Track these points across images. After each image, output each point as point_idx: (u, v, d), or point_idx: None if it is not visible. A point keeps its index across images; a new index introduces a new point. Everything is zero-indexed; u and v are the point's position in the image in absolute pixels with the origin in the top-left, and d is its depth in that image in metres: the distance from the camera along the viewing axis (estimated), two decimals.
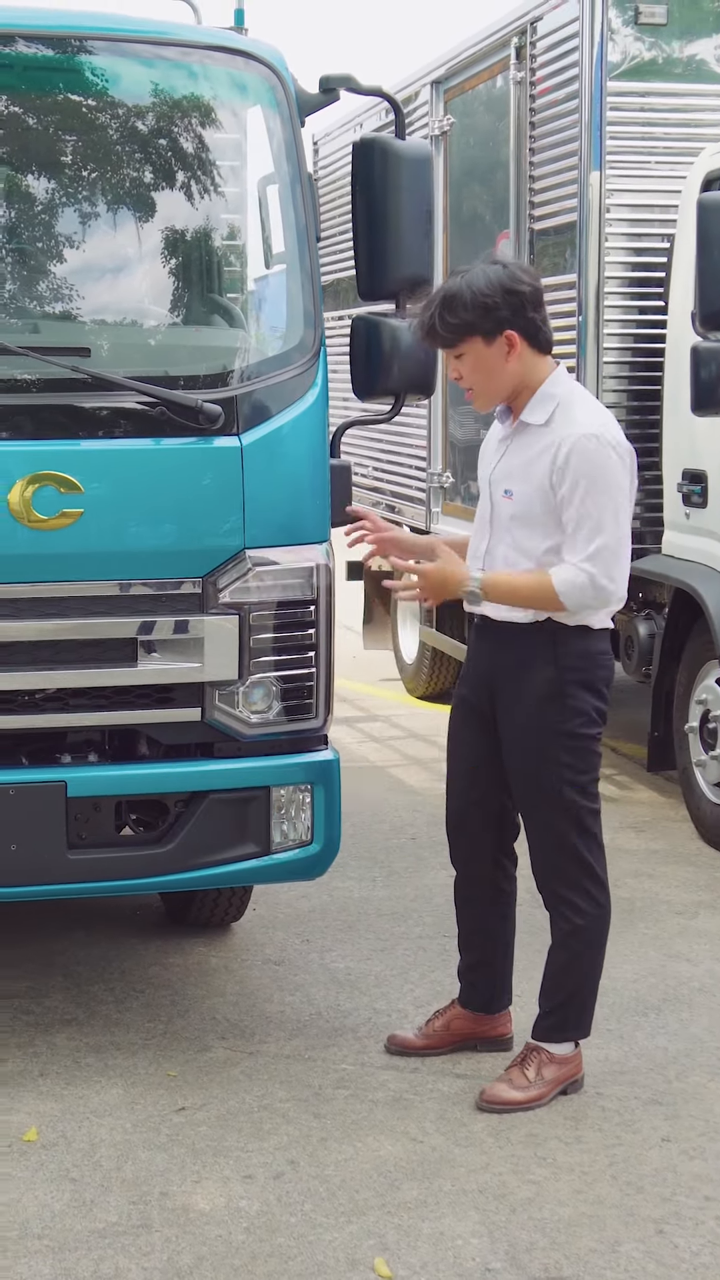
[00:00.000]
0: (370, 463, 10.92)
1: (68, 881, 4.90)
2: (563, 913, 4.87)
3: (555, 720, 4.73)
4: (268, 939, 6.19)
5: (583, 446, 4.58)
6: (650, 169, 7.81)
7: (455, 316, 4.61)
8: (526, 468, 4.68)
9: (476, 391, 4.75)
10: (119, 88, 5.06)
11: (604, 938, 4.93)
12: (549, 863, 4.86)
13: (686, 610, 7.59)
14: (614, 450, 4.62)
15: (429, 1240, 4.11)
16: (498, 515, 4.78)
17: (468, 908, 5.13)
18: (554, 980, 4.93)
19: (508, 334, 4.64)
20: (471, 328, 4.62)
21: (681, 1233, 4.15)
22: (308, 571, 4.95)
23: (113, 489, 4.74)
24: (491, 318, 4.62)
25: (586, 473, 4.56)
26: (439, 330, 4.65)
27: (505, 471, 4.75)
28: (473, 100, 9.18)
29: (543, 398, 4.70)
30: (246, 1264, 3.99)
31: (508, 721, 4.82)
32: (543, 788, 4.79)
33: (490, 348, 4.65)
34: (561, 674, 4.72)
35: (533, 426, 4.70)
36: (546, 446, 4.63)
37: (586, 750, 4.80)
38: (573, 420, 4.65)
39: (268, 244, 5.23)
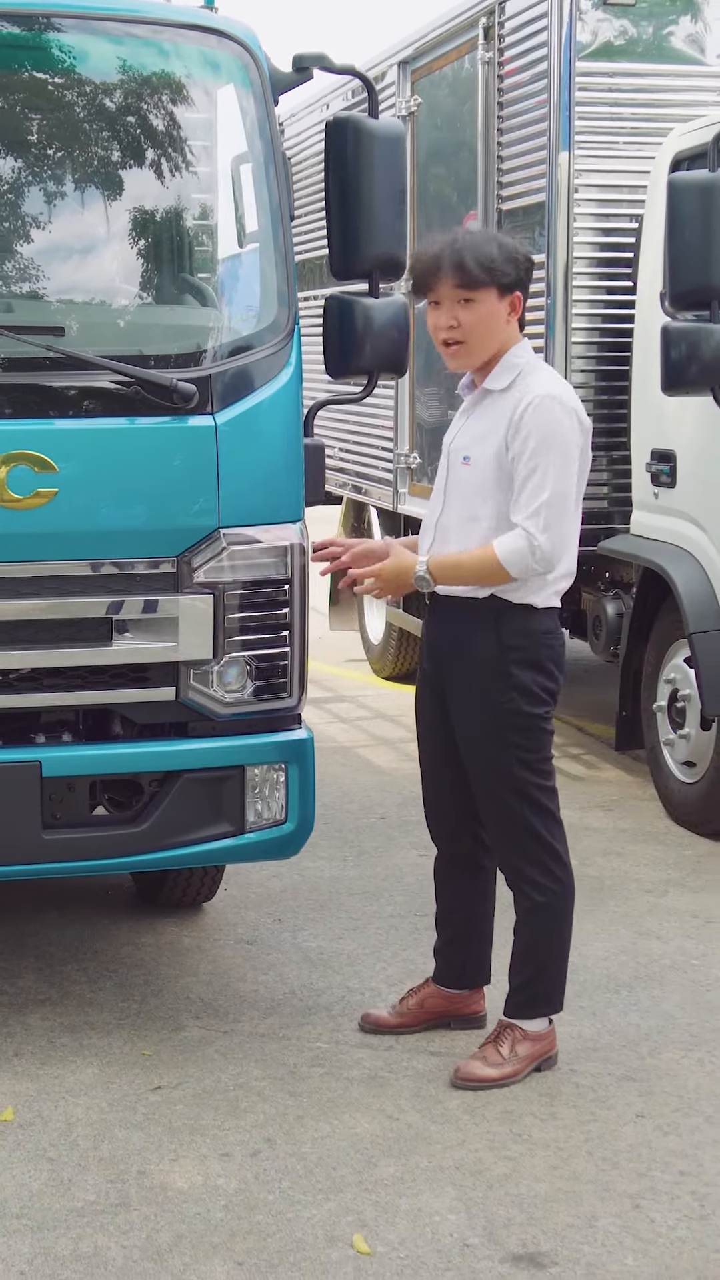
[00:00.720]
0: (337, 444, 10.91)
1: (42, 861, 4.90)
2: (524, 890, 4.89)
3: (500, 699, 4.75)
4: (240, 918, 6.20)
5: (540, 405, 4.62)
6: (619, 149, 7.81)
7: (488, 260, 4.64)
8: (486, 434, 4.71)
9: (468, 345, 4.72)
10: (91, 66, 5.03)
11: (569, 913, 4.95)
12: (507, 840, 4.88)
13: (654, 590, 7.62)
14: (571, 415, 4.67)
15: (407, 1216, 4.13)
16: (455, 483, 4.79)
17: (448, 884, 5.15)
18: (522, 957, 4.95)
19: (516, 295, 4.71)
20: (497, 276, 4.66)
21: (658, 1207, 4.18)
22: (282, 551, 4.95)
23: (87, 468, 4.73)
24: (513, 274, 4.68)
25: (539, 430, 4.60)
26: (471, 266, 4.62)
27: (467, 439, 4.77)
28: (440, 81, 9.16)
29: (506, 366, 4.74)
30: (225, 1241, 4.00)
31: (456, 699, 4.85)
32: (493, 766, 4.81)
33: (500, 303, 4.69)
34: (504, 652, 4.74)
35: (494, 393, 4.74)
36: (505, 410, 4.67)
37: (535, 729, 4.80)
38: (532, 384, 4.71)
39: (241, 223, 5.21)
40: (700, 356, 6.33)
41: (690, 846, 7.21)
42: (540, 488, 4.59)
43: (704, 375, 6.40)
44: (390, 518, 10.21)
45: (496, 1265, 3.91)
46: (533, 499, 4.60)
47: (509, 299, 4.70)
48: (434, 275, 4.68)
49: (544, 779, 4.84)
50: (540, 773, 4.83)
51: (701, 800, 7.32)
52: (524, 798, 4.81)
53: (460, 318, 4.69)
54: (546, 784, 4.84)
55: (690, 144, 7.25)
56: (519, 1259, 3.94)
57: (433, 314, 4.75)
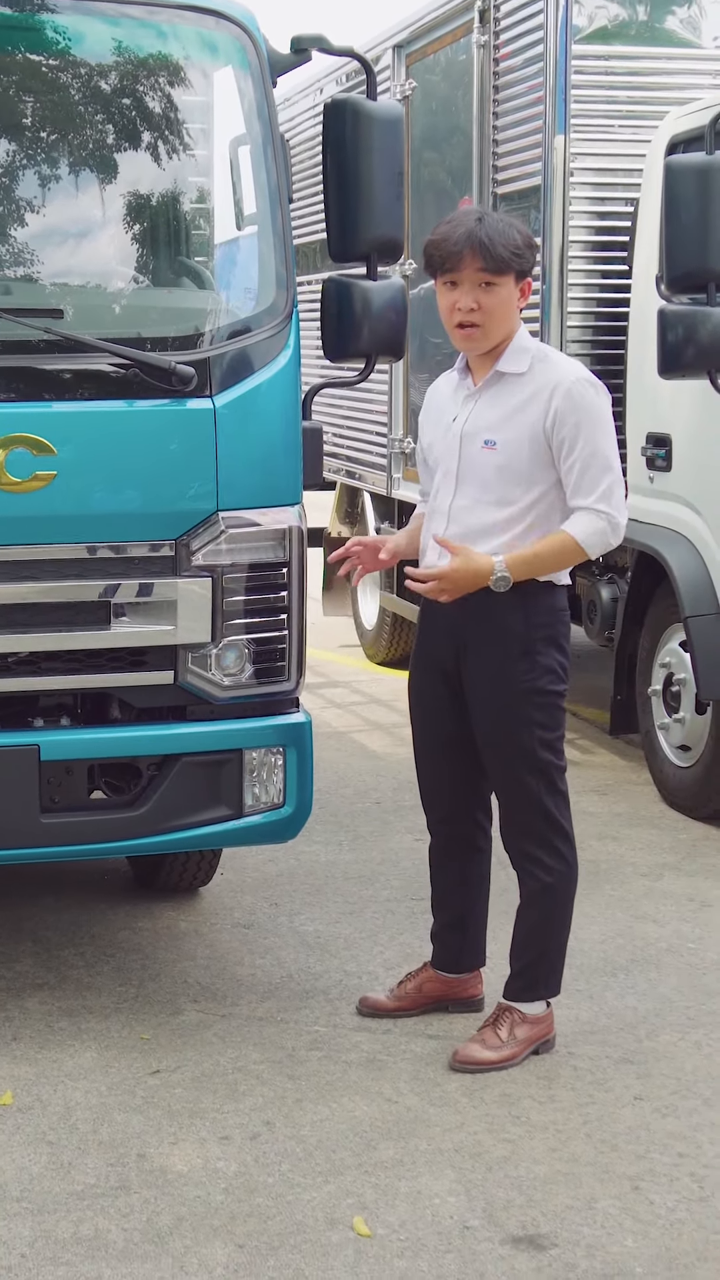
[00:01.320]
0: (331, 429, 10.89)
1: (40, 845, 4.89)
2: (531, 872, 4.89)
3: (525, 678, 4.75)
4: (236, 903, 6.20)
5: (580, 391, 4.67)
6: (614, 133, 7.80)
7: (514, 246, 4.66)
8: (511, 416, 4.70)
9: (485, 328, 4.70)
10: (88, 47, 5.01)
11: (572, 896, 4.96)
12: (519, 822, 4.88)
13: (649, 574, 7.62)
14: (603, 394, 4.75)
15: (406, 1199, 4.13)
16: (473, 468, 4.74)
17: (444, 868, 5.14)
18: (524, 940, 4.95)
19: (527, 281, 4.75)
20: (519, 263, 4.68)
21: (657, 1189, 4.18)
22: (280, 534, 4.95)
23: (86, 451, 4.72)
24: (530, 261, 4.73)
25: (587, 415, 4.66)
26: (500, 252, 4.63)
27: (483, 423, 4.75)
28: (435, 65, 9.15)
29: (518, 349, 4.76)
30: (226, 1224, 4.01)
31: (476, 681, 4.83)
32: (514, 746, 4.81)
33: (516, 288, 4.72)
34: (531, 631, 4.75)
35: (510, 376, 4.74)
36: (533, 394, 4.68)
37: (554, 707, 4.83)
38: (557, 367, 4.75)
39: (240, 205, 5.20)
40: (697, 339, 6.33)
41: (685, 830, 7.22)
42: (605, 469, 4.66)
43: (701, 358, 6.39)
44: (384, 503, 10.21)
45: (497, 1247, 3.92)
46: (599, 480, 4.65)
47: (522, 284, 4.73)
48: (459, 258, 4.65)
49: (560, 759, 4.86)
50: (558, 752, 4.85)
51: (696, 784, 7.33)
52: (542, 778, 4.81)
53: (481, 301, 4.67)
54: (561, 764, 4.86)
55: (686, 127, 7.24)
56: (519, 1241, 3.94)
57: (448, 295, 4.72)
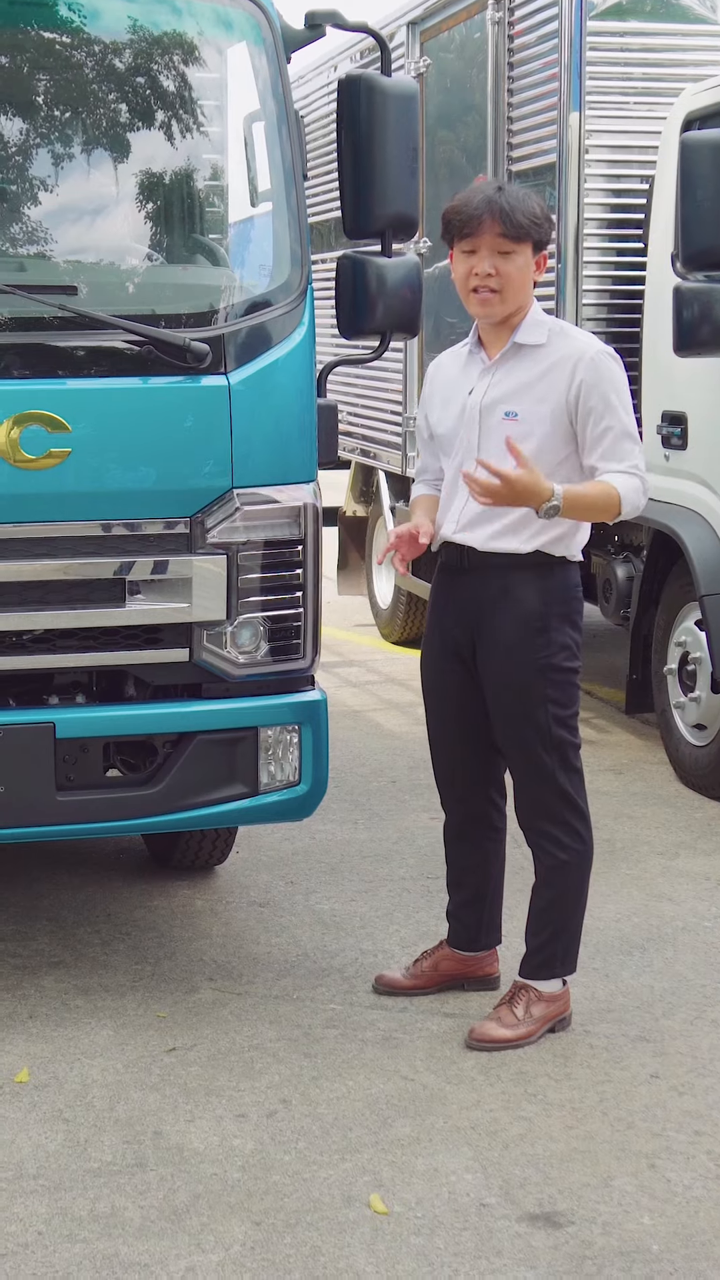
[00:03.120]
0: (346, 408, 10.87)
1: (56, 823, 4.90)
2: (546, 849, 4.89)
3: (541, 655, 4.75)
4: (252, 881, 6.20)
5: (602, 362, 4.69)
6: (629, 110, 7.77)
7: (533, 215, 4.67)
8: (532, 387, 4.70)
9: (503, 294, 4.68)
10: (101, 24, 5.00)
11: (588, 873, 4.96)
12: (534, 799, 4.87)
13: (665, 552, 7.60)
14: (622, 367, 4.78)
15: (423, 1177, 4.13)
16: (493, 439, 4.71)
17: (461, 845, 5.14)
18: (540, 918, 4.95)
19: (544, 254, 4.75)
20: (538, 233, 4.69)
21: (673, 1167, 4.18)
22: (295, 511, 4.94)
23: (100, 428, 4.71)
24: (546, 233, 4.73)
25: (612, 385, 4.69)
26: (520, 219, 4.63)
27: (502, 394, 4.74)
28: (450, 41, 9.11)
29: (534, 321, 4.77)
30: (243, 1201, 4.01)
31: (490, 657, 4.82)
32: (529, 724, 4.80)
33: (532, 259, 4.72)
34: (547, 607, 4.75)
35: (528, 347, 4.74)
36: (554, 364, 4.69)
37: (569, 684, 4.83)
38: (576, 340, 4.78)
39: (254, 182, 5.18)
40: (713, 317, 6.33)
41: (701, 809, 7.20)
42: (631, 438, 4.69)
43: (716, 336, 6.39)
44: (399, 481, 10.19)
45: (513, 1224, 3.92)
46: (630, 450, 4.67)
47: (539, 256, 4.73)
48: (478, 223, 4.63)
49: (575, 736, 4.86)
50: (573, 730, 4.85)
51: (712, 763, 7.31)
52: (557, 755, 4.81)
53: (500, 267, 4.66)
54: (576, 741, 4.86)
55: (702, 104, 7.21)
56: (535, 1218, 3.94)
57: (465, 261, 4.70)
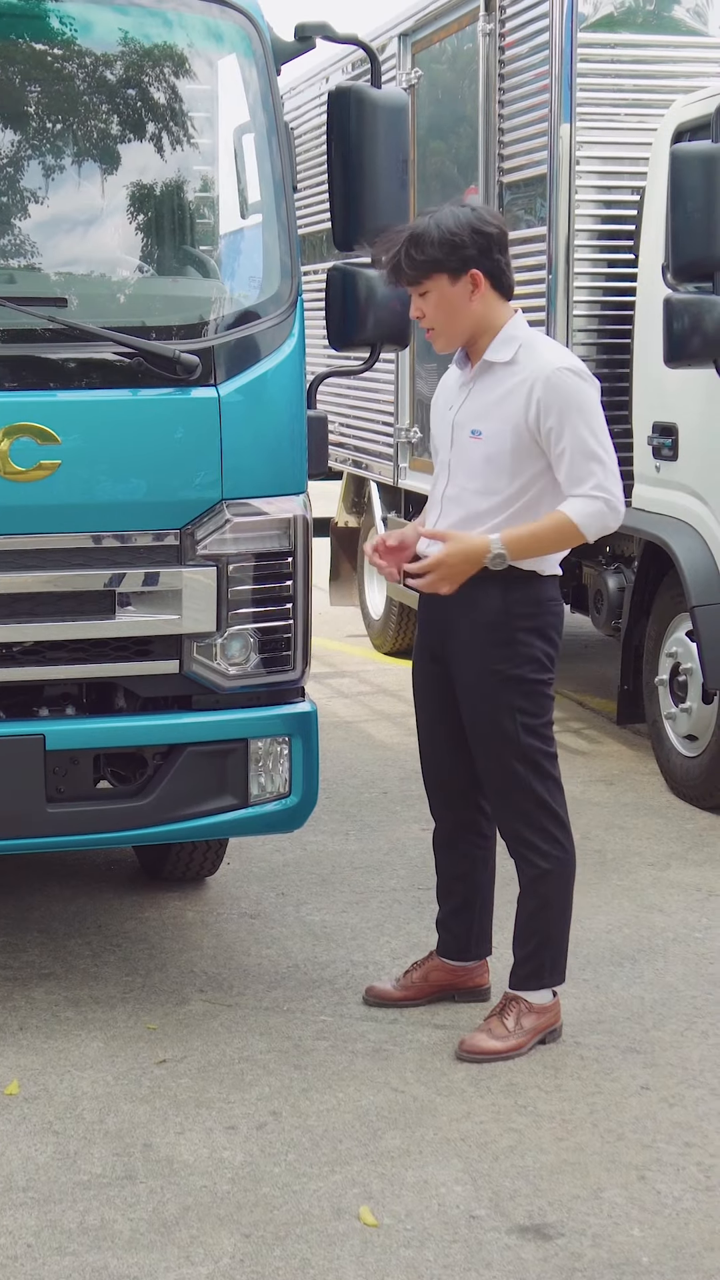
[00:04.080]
0: (338, 419, 10.88)
1: (46, 835, 4.89)
2: (527, 858, 4.89)
3: (507, 665, 4.77)
4: (243, 893, 6.20)
5: (561, 379, 4.65)
6: (620, 121, 7.78)
7: (422, 253, 4.64)
8: (496, 406, 4.70)
9: (438, 331, 4.75)
10: (91, 35, 5.00)
11: (571, 881, 4.96)
12: (511, 807, 4.89)
13: (656, 563, 7.61)
14: (588, 380, 4.72)
15: (413, 1189, 4.12)
16: (463, 457, 4.77)
17: (449, 853, 5.15)
18: (526, 928, 4.95)
19: (473, 273, 4.68)
20: (438, 265, 4.65)
21: (663, 1178, 4.18)
22: (285, 523, 4.94)
23: (90, 440, 4.71)
24: (458, 256, 4.65)
25: (572, 402, 4.63)
26: (405, 267, 4.66)
27: (471, 413, 4.76)
28: (441, 53, 9.12)
29: (505, 339, 4.75)
30: (232, 1214, 4.00)
31: (460, 668, 4.85)
32: (498, 733, 4.81)
33: (455, 286, 4.68)
34: (511, 620, 4.76)
35: (497, 365, 4.74)
36: (517, 384, 4.68)
37: (539, 694, 4.84)
38: (540, 356, 4.73)
39: (244, 194, 5.19)
40: (703, 328, 6.33)
41: (692, 820, 7.21)
42: (592, 457, 4.63)
43: (706, 347, 6.39)
44: (390, 492, 10.21)
45: (503, 1236, 3.91)
46: (592, 471, 4.62)
47: (465, 279, 4.67)
48: (393, 276, 4.75)
49: (547, 744, 4.85)
50: (544, 738, 4.84)
51: (703, 774, 7.32)
52: (529, 763, 4.82)
53: (422, 308, 4.73)
54: (550, 749, 4.86)
55: (693, 115, 7.22)
56: (525, 1230, 3.94)
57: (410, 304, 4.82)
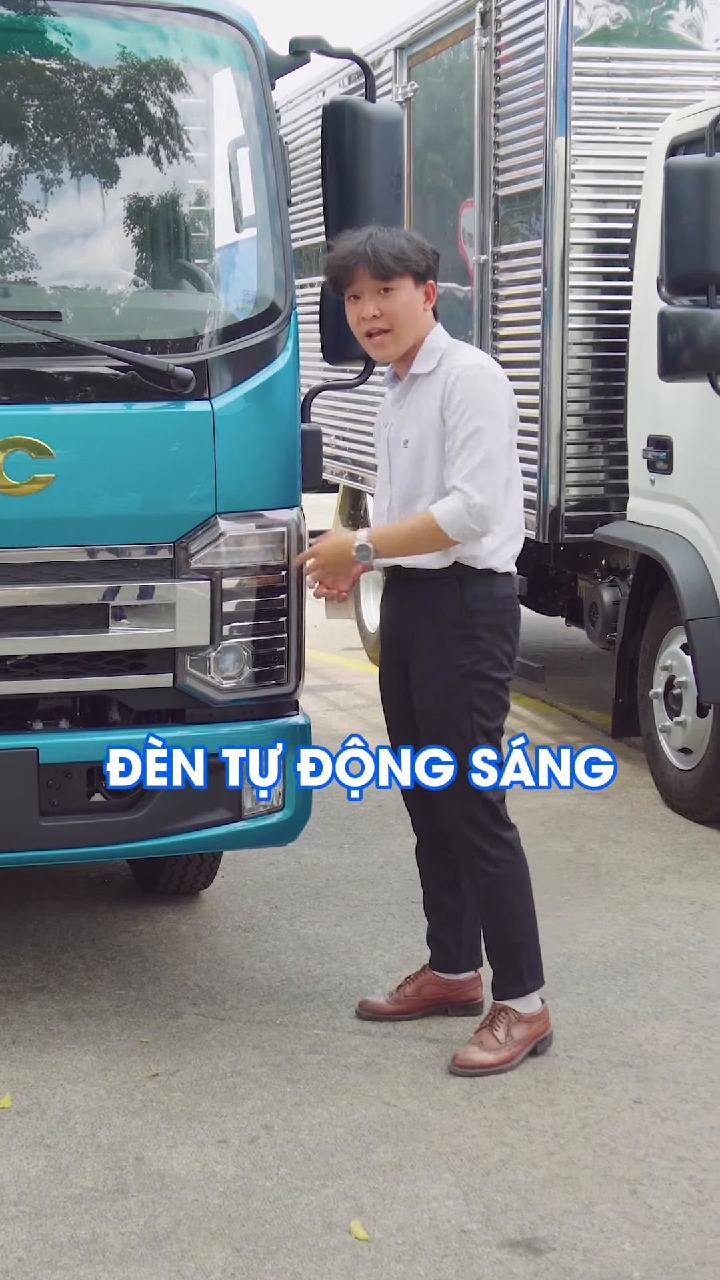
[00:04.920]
0: (333, 431, 10.89)
1: (39, 848, 4.89)
2: (477, 864, 4.91)
3: (464, 662, 4.80)
4: (237, 906, 6.20)
5: (469, 375, 4.74)
6: (615, 134, 7.80)
7: (399, 252, 4.72)
8: (420, 413, 4.79)
9: (394, 332, 4.78)
10: (87, 50, 5.01)
11: (526, 881, 4.97)
12: (460, 809, 4.89)
13: (651, 576, 7.61)
14: (498, 382, 4.80)
15: (404, 1203, 4.12)
16: (398, 469, 4.86)
17: (431, 866, 5.17)
18: (496, 937, 4.97)
19: (429, 284, 4.81)
20: (411, 266, 4.74)
21: (655, 1193, 4.18)
22: (279, 536, 4.95)
23: (84, 454, 4.72)
24: (424, 263, 4.78)
25: (472, 397, 4.71)
26: (385, 259, 4.70)
27: (402, 425, 4.86)
28: (437, 67, 9.15)
29: (428, 350, 4.84)
30: (223, 1228, 4.00)
31: (418, 667, 4.88)
32: (453, 731, 4.83)
33: (416, 291, 4.78)
34: (469, 617, 4.80)
35: (421, 377, 4.83)
36: (435, 388, 4.77)
37: (495, 695, 4.87)
38: (456, 358, 4.84)
39: (239, 208, 5.19)
40: (697, 341, 6.34)
41: (686, 833, 7.21)
42: (475, 450, 4.68)
43: (701, 360, 6.40)
44: None
45: (494, 1251, 3.91)
46: (467, 462, 4.69)
47: (423, 286, 4.79)
48: (351, 271, 4.75)
49: (497, 750, 4.88)
50: (495, 744, 4.88)
51: (698, 787, 7.32)
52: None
53: (382, 307, 4.76)
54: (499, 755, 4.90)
55: (687, 129, 7.23)
56: (516, 1244, 3.94)
57: (353, 308, 4.82)
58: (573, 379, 7.89)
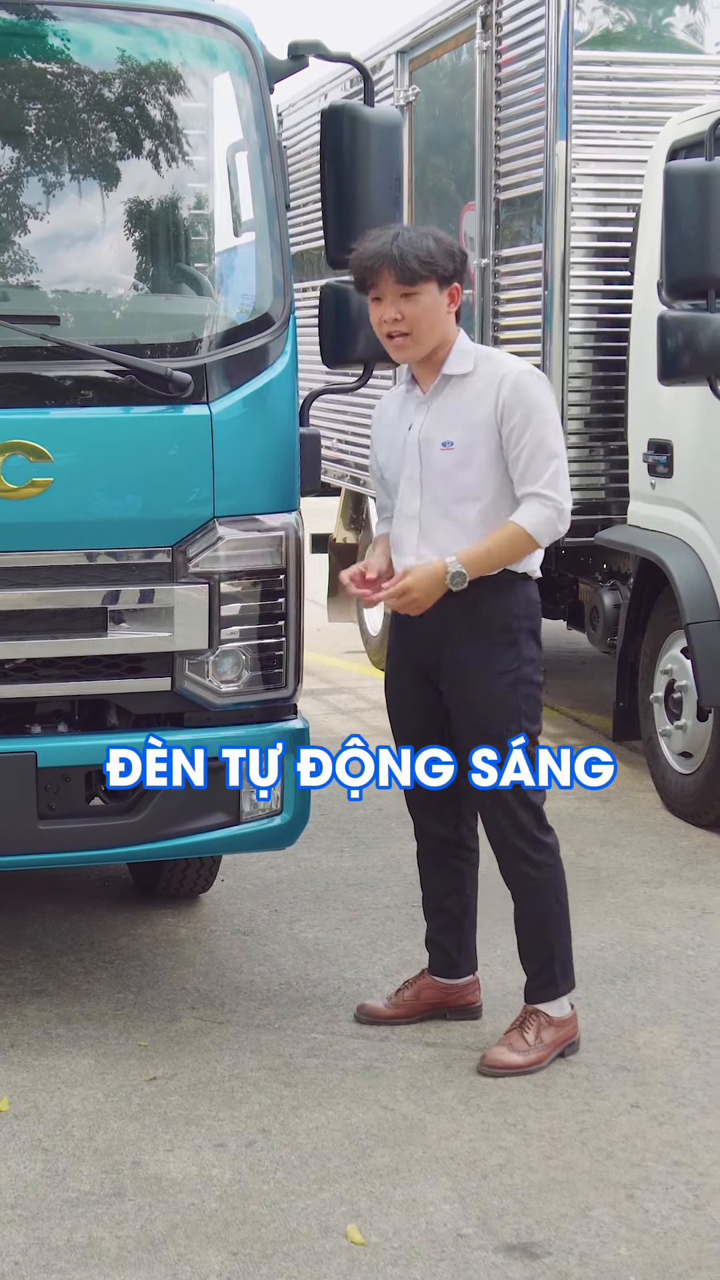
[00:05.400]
0: (336, 435, 10.89)
1: (38, 852, 4.90)
2: (523, 871, 4.91)
3: (513, 667, 4.80)
4: (236, 909, 6.20)
5: (525, 382, 4.75)
6: (616, 138, 7.81)
7: (426, 255, 4.69)
8: (464, 414, 4.76)
9: (415, 336, 4.74)
10: (87, 54, 5.02)
11: (564, 886, 4.99)
12: (505, 819, 4.88)
13: (651, 580, 7.61)
14: (548, 387, 4.85)
15: (401, 1207, 4.12)
16: (434, 470, 4.80)
17: (437, 871, 5.16)
18: (533, 941, 4.97)
19: (455, 286, 4.77)
20: (437, 270, 4.71)
21: (652, 1197, 4.17)
22: (277, 540, 4.95)
23: (82, 458, 4.72)
24: (450, 267, 4.74)
25: (535, 403, 4.72)
26: (411, 263, 4.66)
27: (437, 426, 4.80)
28: (438, 70, 9.15)
29: (460, 352, 4.82)
30: (220, 1231, 4.00)
31: (460, 675, 4.85)
32: (500, 738, 4.81)
33: (440, 295, 4.75)
34: (516, 621, 4.81)
35: (456, 377, 4.80)
36: (483, 390, 4.75)
37: (536, 698, 4.89)
38: (501, 363, 4.83)
39: (237, 212, 5.20)
40: (696, 346, 6.33)
41: (686, 837, 7.20)
42: (550, 455, 4.72)
43: (700, 365, 6.39)
44: None
45: (490, 1255, 3.91)
46: (545, 467, 4.71)
47: (448, 290, 4.75)
48: (375, 272, 4.72)
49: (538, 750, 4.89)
50: (538, 745, 4.88)
51: (698, 791, 7.32)
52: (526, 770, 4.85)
53: (404, 310, 4.72)
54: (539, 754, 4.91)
55: (688, 133, 7.24)
56: (512, 1249, 3.94)
57: (376, 309, 4.79)
58: (573, 382, 7.90)
